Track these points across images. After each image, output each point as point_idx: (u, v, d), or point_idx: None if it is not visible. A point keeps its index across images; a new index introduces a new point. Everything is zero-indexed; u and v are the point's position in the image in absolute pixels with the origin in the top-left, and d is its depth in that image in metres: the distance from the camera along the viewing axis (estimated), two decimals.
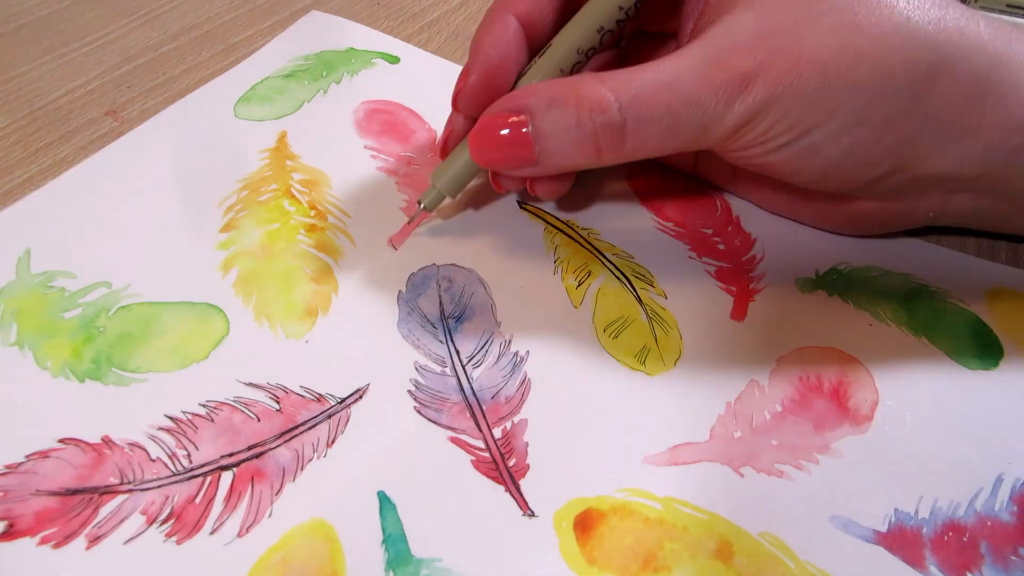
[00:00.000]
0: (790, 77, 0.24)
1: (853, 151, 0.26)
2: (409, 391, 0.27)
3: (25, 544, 0.23)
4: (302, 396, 0.26)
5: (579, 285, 0.30)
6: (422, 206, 0.30)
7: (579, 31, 0.28)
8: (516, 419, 0.26)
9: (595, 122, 0.25)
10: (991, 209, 0.29)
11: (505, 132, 0.26)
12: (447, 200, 0.31)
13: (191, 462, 0.25)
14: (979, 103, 0.26)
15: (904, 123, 0.26)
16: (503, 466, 0.25)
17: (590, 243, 0.32)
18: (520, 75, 0.29)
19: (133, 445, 0.25)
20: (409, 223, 0.31)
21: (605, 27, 0.28)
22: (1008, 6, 0.34)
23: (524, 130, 0.26)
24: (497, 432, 0.26)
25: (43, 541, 0.23)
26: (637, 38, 0.33)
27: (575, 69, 0.29)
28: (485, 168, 0.28)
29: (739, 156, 0.27)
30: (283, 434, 0.25)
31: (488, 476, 0.25)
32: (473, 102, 0.29)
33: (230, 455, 0.25)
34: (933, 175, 0.27)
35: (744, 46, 0.25)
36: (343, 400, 0.26)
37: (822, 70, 0.24)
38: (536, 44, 0.29)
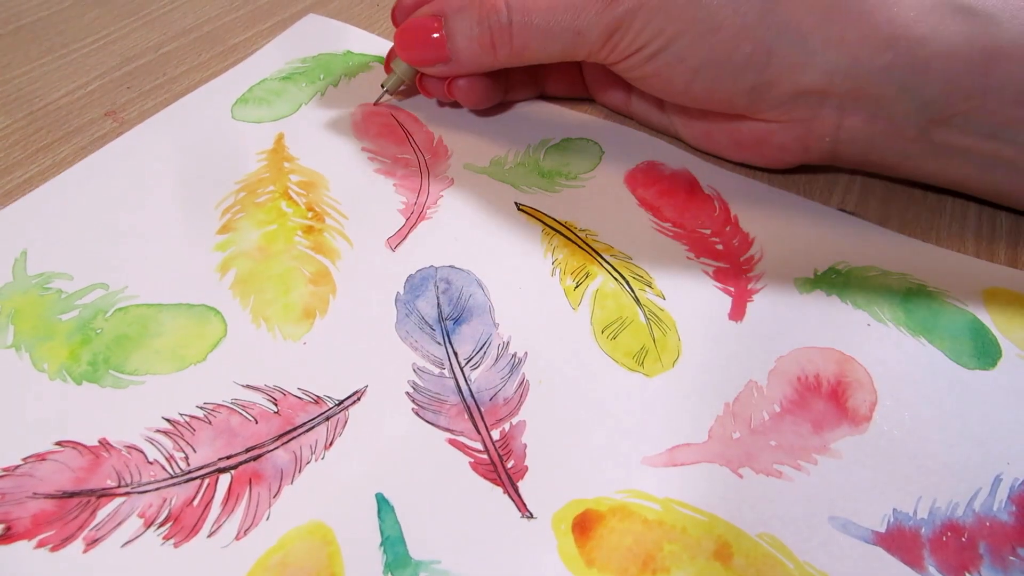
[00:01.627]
0: None
1: (715, 59, 0.29)
2: (407, 393, 0.27)
3: (22, 547, 0.22)
4: (300, 398, 0.26)
5: (577, 286, 0.30)
6: (385, 88, 0.37)
7: None
8: (514, 420, 0.26)
9: (491, 22, 0.31)
10: (885, 138, 0.30)
11: (425, 32, 0.32)
12: (403, 85, 0.37)
13: (189, 464, 0.24)
14: (840, 17, 0.28)
15: (759, 31, 0.28)
16: (501, 468, 0.25)
17: (588, 244, 0.32)
18: None
19: (130, 447, 0.25)
20: (375, 103, 0.38)
21: None
22: None
23: (438, 34, 0.32)
24: (495, 434, 0.26)
25: (40, 544, 0.23)
26: None
27: None
28: (405, 59, 0.34)
29: (623, 68, 0.31)
30: (281, 436, 0.25)
31: (486, 478, 0.25)
32: (407, 14, 0.34)
33: (228, 457, 0.25)
34: (807, 89, 0.29)
35: None
36: (341, 402, 0.26)
37: None
38: None
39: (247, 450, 0.25)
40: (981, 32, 0.27)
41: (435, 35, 0.32)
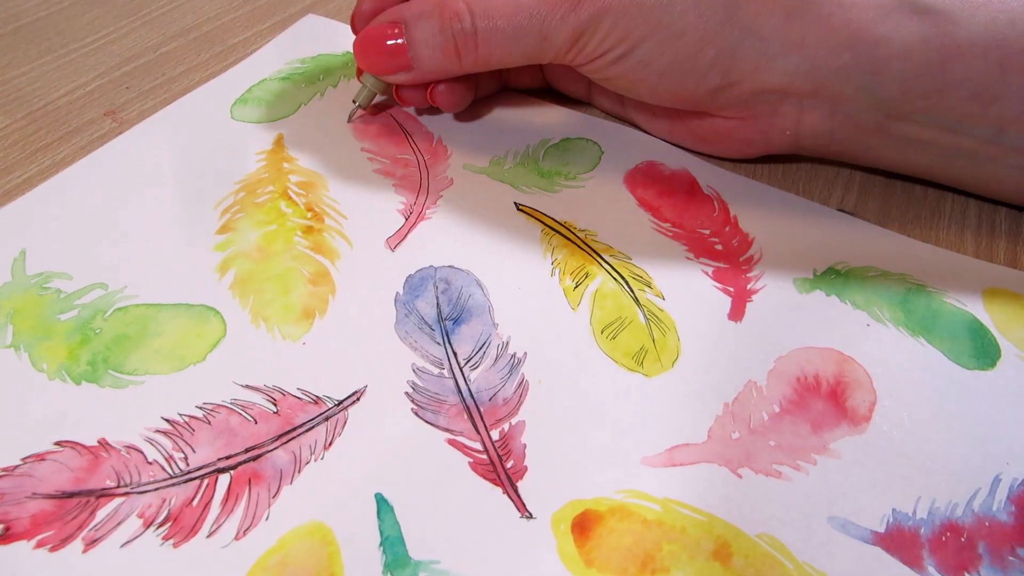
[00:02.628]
0: None
1: (679, 63, 0.29)
2: (407, 393, 0.27)
3: (21, 547, 0.22)
4: (299, 398, 0.26)
5: (577, 286, 0.30)
6: (357, 104, 0.36)
7: None
8: (514, 421, 0.26)
9: (454, 29, 0.30)
10: (845, 132, 0.31)
11: (383, 40, 0.31)
12: (377, 97, 0.36)
13: (188, 465, 0.24)
14: (800, 20, 0.28)
15: (723, 35, 0.29)
16: (501, 468, 0.25)
17: (587, 244, 0.32)
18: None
19: (130, 448, 0.25)
20: (349, 121, 0.37)
21: None
22: None
23: (399, 40, 0.31)
24: (495, 434, 0.26)
25: (39, 544, 0.23)
26: None
27: None
28: (365, 68, 0.33)
29: (589, 70, 0.31)
30: (280, 436, 0.25)
31: (486, 478, 0.25)
32: (366, 22, 0.33)
33: (227, 457, 0.25)
34: (767, 88, 0.30)
35: None
36: (340, 402, 0.26)
37: None
38: None
39: (246, 450, 0.25)
40: (939, 31, 0.28)
41: (393, 42, 0.31)
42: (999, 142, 0.29)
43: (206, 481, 0.24)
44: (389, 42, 0.31)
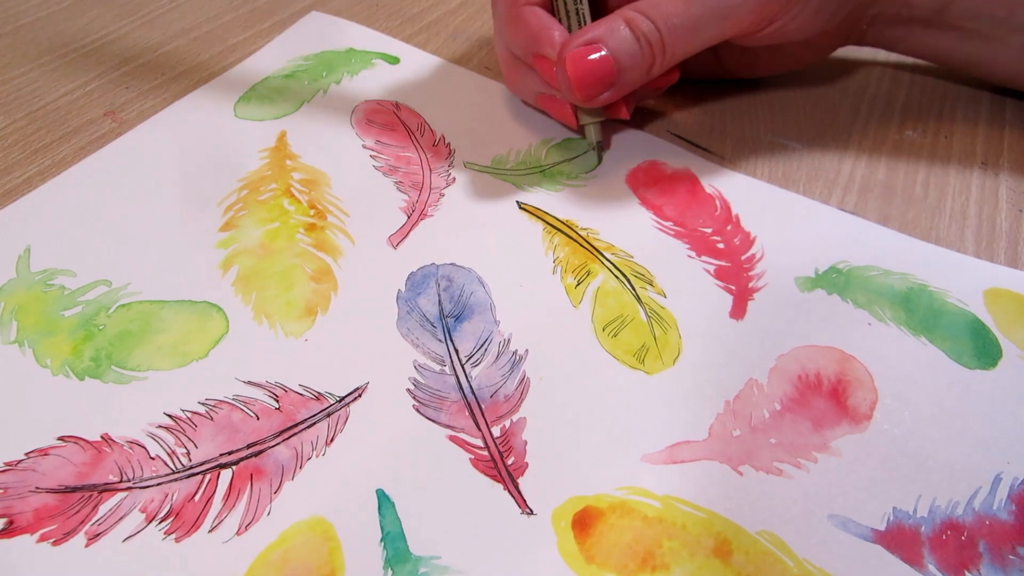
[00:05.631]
0: None
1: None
2: (408, 390, 0.27)
3: (24, 541, 0.23)
4: (301, 395, 0.26)
5: (578, 284, 0.30)
6: (597, 142, 0.35)
7: None
8: (515, 418, 0.26)
9: (645, 32, 0.31)
10: (902, 23, 0.36)
11: (587, 60, 0.31)
12: (602, 120, 0.35)
13: (190, 460, 0.25)
14: None
15: None
16: (502, 464, 0.25)
17: (589, 243, 0.32)
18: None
19: (132, 443, 0.25)
20: (592, 150, 0.36)
21: None
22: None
23: (603, 52, 0.31)
24: (496, 430, 0.26)
25: (42, 538, 0.23)
26: None
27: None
28: (582, 97, 0.32)
29: (763, 35, 0.33)
30: (282, 432, 0.25)
31: (487, 474, 0.25)
32: (550, 64, 0.33)
33: (229, 453, 0.25)
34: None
35: None
36: (342, 399, 0.26)
37: None
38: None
39: (248, 446, 0.25)
40: None
41: (597, 56, 0.31)
42: (1008, 23, 0.34)
43: (208, 476, 0.24)
44: (592, 56, 0.31)
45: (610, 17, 0.31)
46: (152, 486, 0.24)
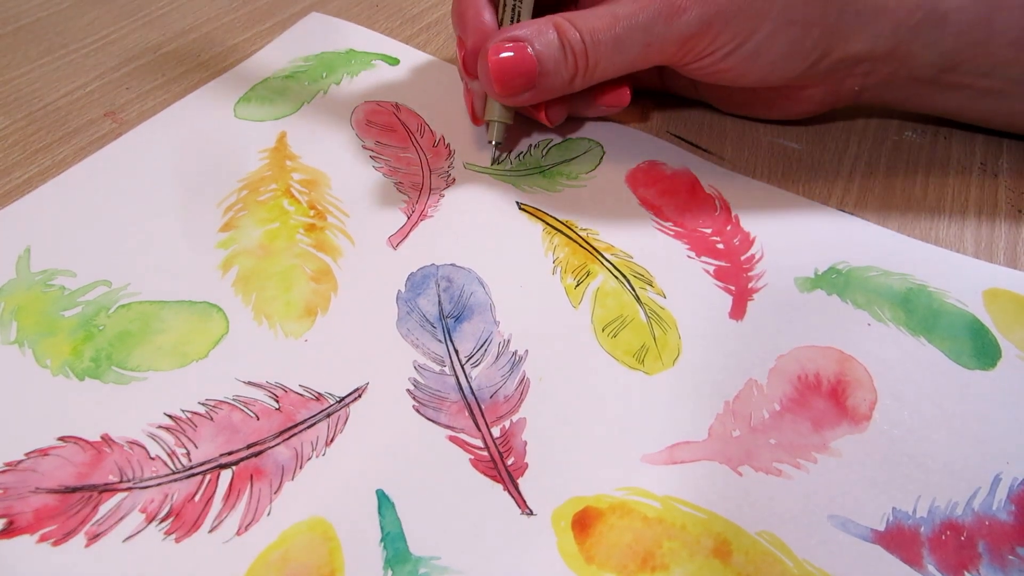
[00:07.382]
0: None
1: (790, 48, 0.31)
2: (408, 390, 0.27)
3: (24, 541, 0.23)
4: (301, 395, 0.26)
5: (578, 285, 0.30)
6: (495, 143, 0.34)
7: None
8: (515, 418, 0.26)
9: (571, 41, 0.30)
10: (903, 84, 0.34)
11: (509, 55, 0.31)
12: (508, 124, 0.34)
13: (190, 460, 0.25)
14: None
15: (825, 14, 0.31)
16: (502, 465, 0.25)
17: (589, 243, 0.32)
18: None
19: (132, 443, 0.25)
20: (493, 163, 0.35)
21: None
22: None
23: (528, 51, 0.30)
24: (496, 431, 0.26)
25: (42, 538, 0.23)
26: None
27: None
28: (500, 91, 0.31)
29: (694, 68, 0.32)
30: (282, 433, 0.25)
31: (486, 475, 0.25)
32: (475, 57, 0.33)
33: (229, 453, 0.25)
34: (852, 55, 0.32)
35: None
36: (342, 399, 0.26)
37: None
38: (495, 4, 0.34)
39: (248, 446, 0.25)
40: None
41: (514, 53, 0.30)
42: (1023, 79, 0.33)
43: (208, 477, 0.24)
44: (515, 54, 0.30)
45: (541, 20, 0.31)
46: (152, 486, 0.24)
